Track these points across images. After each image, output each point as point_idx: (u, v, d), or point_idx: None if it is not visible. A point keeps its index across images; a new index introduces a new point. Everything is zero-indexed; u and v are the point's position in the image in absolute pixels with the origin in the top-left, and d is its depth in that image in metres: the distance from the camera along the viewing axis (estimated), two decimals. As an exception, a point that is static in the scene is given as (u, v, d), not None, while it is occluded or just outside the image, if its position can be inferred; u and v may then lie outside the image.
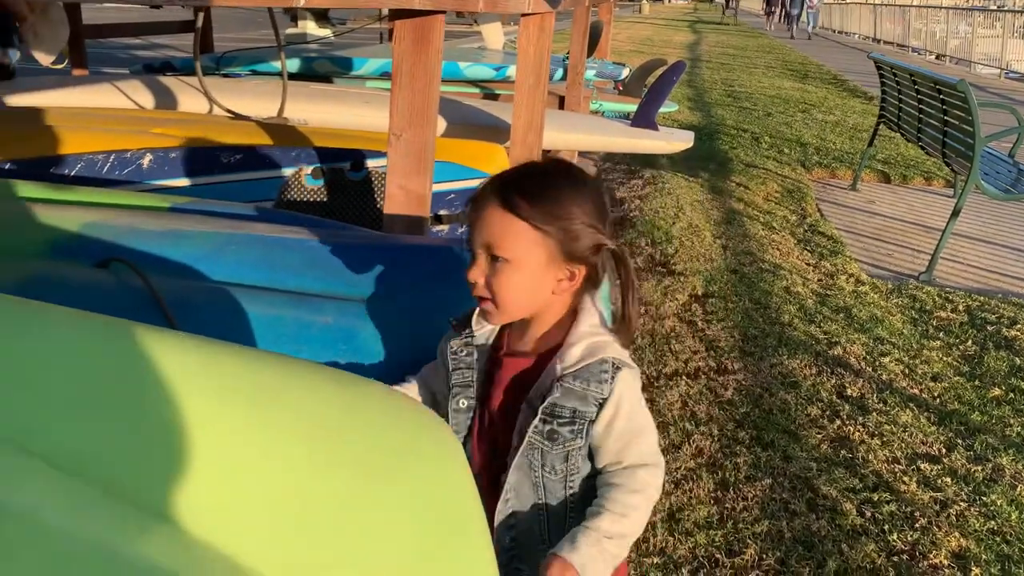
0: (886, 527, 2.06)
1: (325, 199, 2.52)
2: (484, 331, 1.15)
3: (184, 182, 2.50)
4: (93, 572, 0.51)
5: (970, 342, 3.22)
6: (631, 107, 4.82)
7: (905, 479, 2.27)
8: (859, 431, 2.49)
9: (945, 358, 3.07)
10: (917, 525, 2.08)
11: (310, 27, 6.03)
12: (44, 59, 3.62)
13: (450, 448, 0.71)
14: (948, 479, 2.29)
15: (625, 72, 6.17)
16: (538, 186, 1.08)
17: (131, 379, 0.67)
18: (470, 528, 0.68)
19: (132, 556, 0.53)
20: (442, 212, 2.58)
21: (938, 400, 2.75)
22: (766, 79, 12.50)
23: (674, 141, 3.80)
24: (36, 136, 2.58)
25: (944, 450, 2.44)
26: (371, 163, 2.54)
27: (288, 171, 2.52)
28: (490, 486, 1.11)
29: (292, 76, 3.44)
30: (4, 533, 0.52)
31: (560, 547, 1.02)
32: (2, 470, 0.59)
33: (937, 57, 18.97)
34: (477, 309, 1.15)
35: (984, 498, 2.21)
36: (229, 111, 3.21)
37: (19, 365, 0.71)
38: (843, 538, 2.01)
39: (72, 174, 2.47)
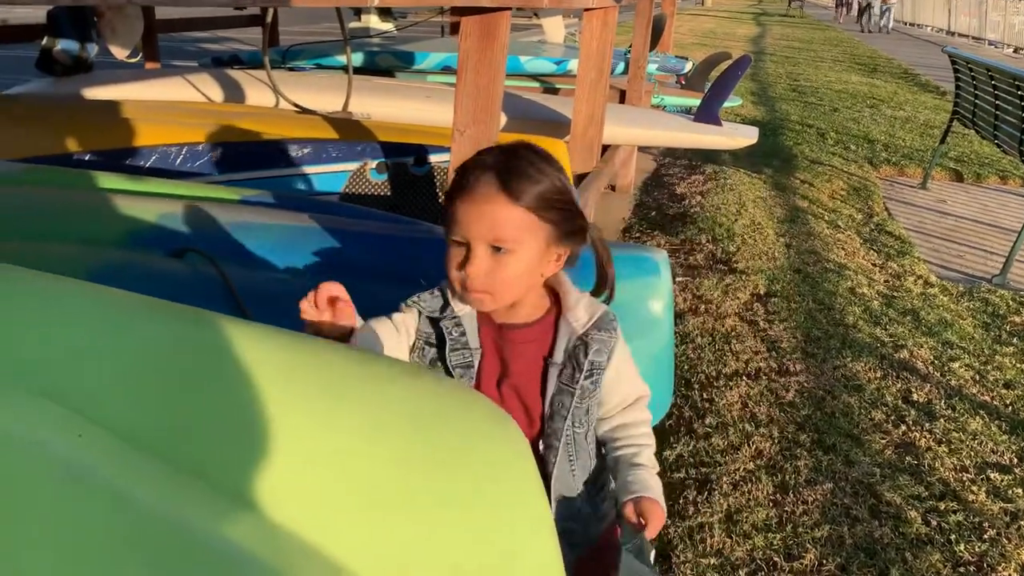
0: (952, 537, 2.00)
1: (389, 193, 2.56)
2: (465, 311, 1.13)
3: (252, 175, 2.56)
4: (181, 554, 0.53)
5: (1046, 348, 3.10)
6: (694, 101, 4.77)
7: (974, 488, 2.20)
8: (925, 437, 2.43)
9: (1019, 365, 2.96)
10: (985, 536, 2.01)
11: (373, 21, 6.10)
12: (120, 53, 3.74)
13: (516, 442, 0.72)
14: (1019, 490, 2.21)
15: (688, 66, 6.10)
16: (534, 173, 1.05)
17: (213, 368, 0.70)
18: (536, 520, 0.69)
19: (217, 539, 0.55)
20: None
21: (1010, 408, 2.66)
22: (833, 73, 12.19)
23: (738, 137, 3.74)
24: (113, 128, 2.68)
25: (1015, 460, 2.36)
26: (434, 158, 2.56)
27: (353, 165, 2.56)
28: None
29: (355, 70, 3.49)
30: (98, 515, 0.54)
31: (633, 489, 1.11)
32: (93, 453, 0.62)
33: (1015, 51, 18.24)
34: (447, 289, 1.12)
35: (1058, 511, 2.13)
36: (296, 105, 3.27)
37: (103, 352, 0.74)
38: (907, 547, 1.96)
39: (147, 165, 2.55)
